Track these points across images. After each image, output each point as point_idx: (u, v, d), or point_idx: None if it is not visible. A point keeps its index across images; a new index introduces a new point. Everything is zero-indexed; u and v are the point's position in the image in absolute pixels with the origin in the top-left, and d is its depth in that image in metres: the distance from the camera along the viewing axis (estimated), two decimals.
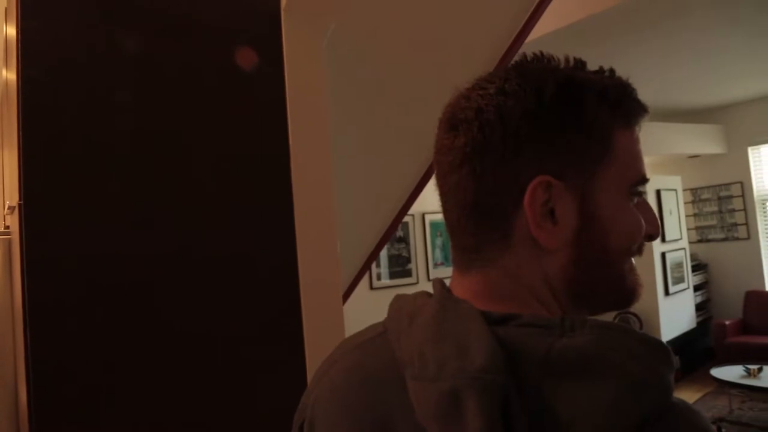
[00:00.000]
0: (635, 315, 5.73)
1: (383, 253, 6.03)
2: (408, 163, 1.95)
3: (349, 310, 1.50)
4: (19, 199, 1.11)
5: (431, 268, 6.84)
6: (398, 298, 0.62)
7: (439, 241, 6.92)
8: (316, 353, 1.27)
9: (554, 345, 0.48)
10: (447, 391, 0.46)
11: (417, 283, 6.65)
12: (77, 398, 1.09)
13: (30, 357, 1.06)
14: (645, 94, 0.62)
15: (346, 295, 1.99)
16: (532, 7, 1.87)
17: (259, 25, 1.34)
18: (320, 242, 1.31)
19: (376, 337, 0.61)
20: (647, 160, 0.60)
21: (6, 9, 1.59)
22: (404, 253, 6.56)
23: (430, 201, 5.37)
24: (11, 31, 1.38)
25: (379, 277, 6.25)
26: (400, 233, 6.26)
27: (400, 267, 6.52)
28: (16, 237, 1.32)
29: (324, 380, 0.62)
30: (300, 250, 1.28)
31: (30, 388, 1.06)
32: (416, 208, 2.50)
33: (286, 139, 1.31)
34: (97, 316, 1.11)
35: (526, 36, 1.95)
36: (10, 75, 1.45)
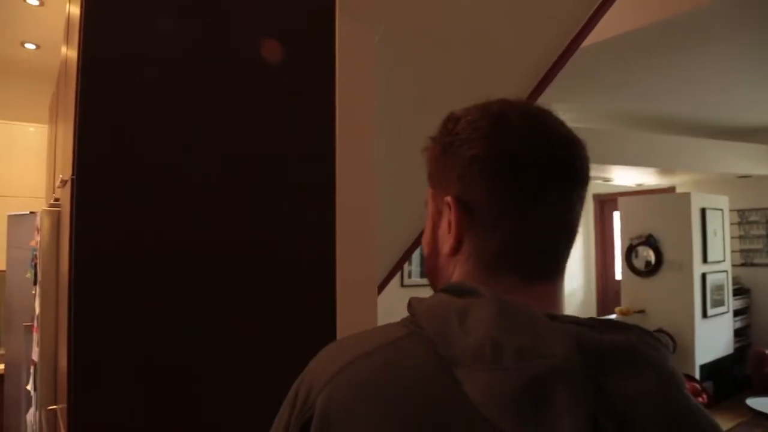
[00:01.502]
0: (669, 334, 5.58)
1: (415, 251, 6.03)
2: None
3: (380, 306, 1.50)
4: (72, 174, 1.14)
5: None
6: (422, 301, 0.63)
7: None
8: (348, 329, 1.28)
9: (603, 340, 0.54)
10: (530, 378, 0.49)
11: None
12: (117, 368, 1.12)
13: (72, 327, 1.09)
14: (697, 108, 0.64)
15: (379, 291, 2.00)
16: (588, 14, 1.84)
17: (312, 21, 1.35)
18: (359, 237, 1.31)
19: (403, 337, 0.59)
20: (694, 177, 0.64)
21: None
22: None
23: None
24: (75, 10, 1.42)
25: (410, 275, 6.25)
26: None
27: None
28: (66, 210, 1.37)
29: (339, 379, 0.57)
30: (339, 244, 1.29)
31: (71, 357, 1.09)
32: None
33: (332, 136, 1.32)
34: (139, 291, 1.14)
35: (580, 43, 1.92)
36: (71, 52, 1.50)
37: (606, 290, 7.90)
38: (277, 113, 1.29)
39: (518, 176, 0.63)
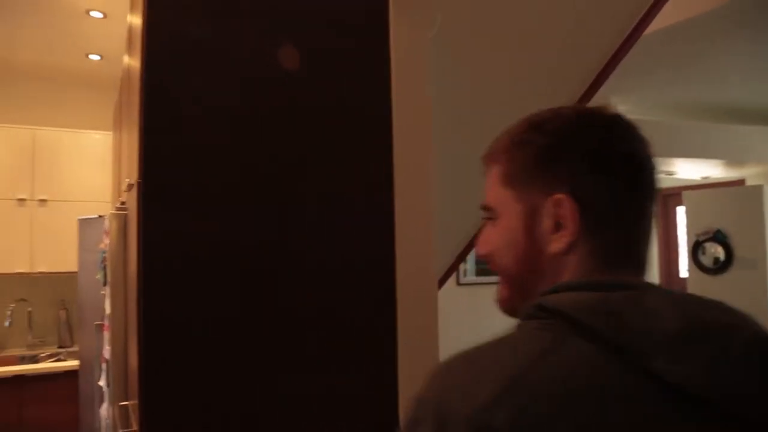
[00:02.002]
0: None
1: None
2: None
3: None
4: (138, 178, 1.18)
5: None
6: (561, 301, 0.60)
7: None
8: (408, 344, 1.28)
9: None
10: (744, 351, 0.54)
11: None
12: (185, 365, 1.15)
13: (142, 326, 1.13)
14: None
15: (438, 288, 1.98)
16: (647, 7, 1.77)
17: (367, 19, 1.35)
18: (418, 235, 1.31)
19: (559, 342, 0.56)
20: (765, 169, 0.64)
21: (132, 0, 1.71)
22: None
23: None
24: (136, 20, 1.47)
25: (465, 274, 6.19)
26: None
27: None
28: (132, 213, 1.42)
29: (516, 395, 0.52)
30: (398, 242, 1.28)
31: (141, 355, 1.13)
32: None
33: (390, 134, 1.32)
34: (205, 290, 1.17)
35: (639, 35, 1.85)
36: (133, 62, 1.55)
37: (670, 287, 7.60)
38: (335, 114, 1.30)
39: (633, 174, 0.66)
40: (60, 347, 4.04)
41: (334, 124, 1.30)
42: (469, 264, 6.26)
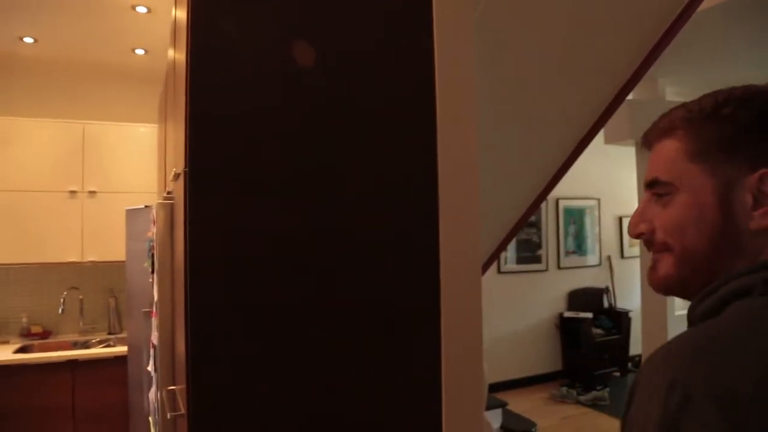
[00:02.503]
0: None
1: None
2: (554, 143, 1.87)
3: None
4: (184, 167, 1.21)
5: (562, 256, 6.60)
6: None
7: (572, 229, 6.64)
8: (451, 331, 1.27)
9: None
10: None
11: (546, 270, 6.45)
12: (231, 352, 1.18)
13: (189, 313, 1.16)
14: None
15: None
16: None
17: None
18: (462, 221, 1.30)
19: None
20: None
21: None
22: (535, 239, 6.38)
23: (565, 186, 5.14)
24: (180, 14, 1.50)
25: (506, 261, 6.15)
26: (532, 218, 6.07)
27: (530, 252, 6.35)
28: (179, 201, 1.45)
29: None
30: (442, 228, 1.28)
31: (188, 341, 1.16)
32: (551, 193, 2.44)
33: (434, 118, 1.31)
34: (251, 278, 1.19)
35: (690, 15, 1.78)
36: (179, 55, 1.58)
37: None
38: (379, 102, 1.30)
39: None
40: (110, 333, 4.18)
41: (378, 112, 1.30)
42: (510, 252, 6.21)
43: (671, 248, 0.72)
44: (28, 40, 3.69)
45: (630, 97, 2.13)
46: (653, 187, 0.74)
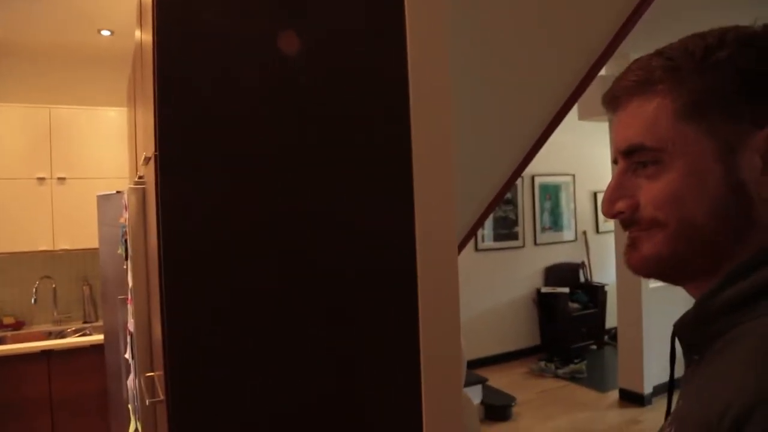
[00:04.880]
0: None
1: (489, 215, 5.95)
2: (527, 120, 1.88)
3: None
4: (155, 150, 1.18)
5: (539, 232, 6.67)
6: None
7: (548, 205, 6.71)
8: (429, 308, 1.28)
9: None
10: None
11: (523, 246, 6.52)
12: (208, 336, 1.17)
13: (164, 299, 1.14)
14: None
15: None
16: None
17: None
18: (437, 198, 1.29)
19: None
20: None
21: None
22: (511, 216, 6.43)
23: (540, 163, 5.16)
24: None
25: (483, 239, 6.20)
26: (508, 195, 6.11)
27: (507, 230, 6.41)
28: (150, 186, 1.43)
29: None
30: (417, 206, 1.27)
31: (164, 327, 1.15)
32: (526, 170, 2.45)
33: (406, 95, 1.29)
34: (226, 262, 1.18)
35: None
36: (146, 36, 1.53)
37: None
38: (351, 80, 1.28)
39: None
40: (85, 322, 4.13)
41: (350, 90, 1.28)
42: (487, 229, 6.26)
43: (664, 224, 0.60)
44: None
45: (603, 72, 2.15)
46: (632, 155, 0.62)
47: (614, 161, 0.67)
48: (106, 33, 3.84)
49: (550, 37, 1.75)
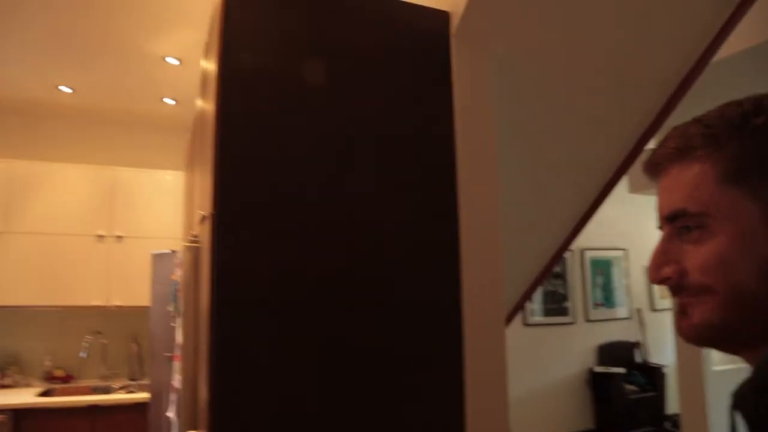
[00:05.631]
0: None
1: (538, 289, 5.81)
2: (575, 193, 1.86)
3: None
4: (212, 210, 1.22)
5: (590, 308, 6.44)
6: None
7: (599, 280, 6.51)
8: (476, 378, 1.24)
9: None
10: None
11: (574, 323, 6.29)
12: (255, 397, 1.16)
13: (213, 356, 1.15)
14: None
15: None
16: (714, 34, 1.72)
17: (431, 48, 1.37)
18: (484, 270, 1.28)
19: None
20: None
21: (207, 45, 1.80)
22: (561, 290, 6.25)
23: (590, 236, 5.02)
24: (211, 66, 1.55)
25: (532, 314, 6.02)
26: (557, 269, 5.97)
27: (556, 304, 6.22)
28: (205, 244, 1.47)
29: None
30: (465, 278, 1.26)
31: (211, 385, 1.15)
32: (576, 243, 2.40)
33: (453, 162, 1.31)
34: (277, 321, 1.18)
35: (707, 63, 1.79)
36: (208, 105, 1.62)
37: None
38: (401, 146, 1.31)
39: None
40: (131, 379, 4.17)
41: (401, 157, 1.31)
42: (536, 304, 6.09)
43: (713, 290, 0.59)
44: (65, 89, 3.84)
45: (651, 145, 2.13)
46: (676, 221, 0.62)
47: (659, 227, 0.67)
48: (169, 101, 4.08)
49: (599, 110, 1.76)
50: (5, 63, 3.39)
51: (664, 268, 0.63)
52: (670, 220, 0.63)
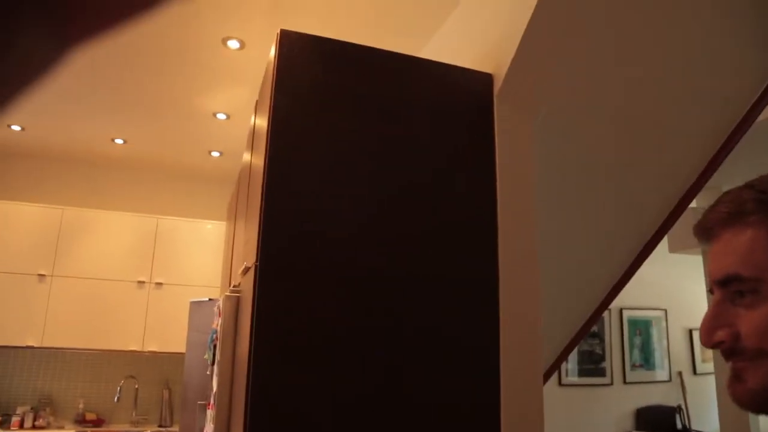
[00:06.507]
0: None
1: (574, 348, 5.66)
2: (615, 252, 1.86)
3: None
4: (255, 261, 1.27)
5: (628, 370, 6.23)
6: None
7: (637, 341, 6.31)
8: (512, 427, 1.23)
9: None
10: None
11: (611, 384, 6.08)
12: None
13: (249, 404, 1.17)
14: None
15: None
16: (758, 93, 1.74)
17: (475, 109, 1.42)
18: (524, 327, 1.29)
19: None
20: None
21: (257, 101, 1.90)
22: (597, 350, 6.08)
23: (629, 296, 4.90)
24: (261, 122, 1.63)
25: (567, 374, 5.85)
26: (594, 328, 5.82)
27: (593, 365, 6.04)
28: (246, 294, 1.51)
29: None
30: (503, 332, 1.27)
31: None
32: (614, 302, 2.37)
33: (494, 221, 1.34)
34: (315, 374, 1.20)
35: (752, 122, 1.80)
36: (255, 159, 1.70)
37: None
38: (444, 202, 1.35)
39: None
40: (160, 426, 4.18)
41: (444, 212, 1.35)
42: (571, 364, 5.92)
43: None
44: (119, 141, 4.04)
45: (693, 204, 2.12)
46: (729, 285, 0.62)
47: (710, 291, 0.67)
48: (215, 154, 4.24)
49: (640, 169, 1.77)
50: (62, 115, 3.60)
51: (718, 332, 0.63)
52: (722, 284, 0.63)
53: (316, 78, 1.39)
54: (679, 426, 6.40)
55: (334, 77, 1.40)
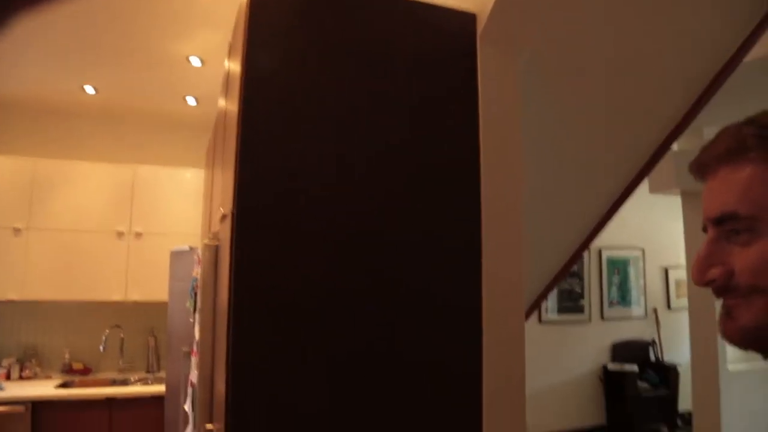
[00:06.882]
0: None
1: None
2: (597, 192, 1.86)
3: None
4: (232, 208, 1.24)
5: (606, 307, 6.41)
6: None
7: (615, 279, 6.47)
8: (494, 382, 1.25)
9: None
10: None
11: (589, 320, 6.27)
12: (271, 391, 1.18)
13: (230, 351, 1.17)
14: None
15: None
16: (746, 34, 1.70)
17: (457, 49, 1.38)
18: (506, 268, 1.29)
19: None
20: None
21: (231, 45, 1.83)
22: (577, 288, 6.23)
23: (608, 236, 4.96)
24: (234, 66, 1.57)
25: (547, 311, 6.00)
26: (573, 268, 5.94)
27: (572, 302, 6.20)
28: (224, 242, 1.49)
29: None
30: (485, 274, 1.27)
31: (228, 379, 1.17)
32: (593, 242, 2.41)
33: (477, 161, 1.32)
34: (295, 321, 1.20)
35: (737, 64, 1.78)
36: (230, 104, 1.65)
37: None
38: (425, 148, 1.33)
39: None
40: (148, 372, 4.23)
41: (425, 158, 1.32)
42: (551, 302, 6.07)
43: (764, 290, 0.58)
44: (89, 89, 3.90)
45: (675, 147, 2.11)
46: (724, 224, 0.61)
47: (703, 229, 0.66)
48: (191, 100, 4.13)
49: (623, 111, 1.75)
50: (30, 64, 3.45)
51: (711, 270, 0.62)
52: (717, 222, 0.62)
53: (290, 20, 1.33)
54: (652, 358, 6.65)
55: (309, 19, 1.34)
